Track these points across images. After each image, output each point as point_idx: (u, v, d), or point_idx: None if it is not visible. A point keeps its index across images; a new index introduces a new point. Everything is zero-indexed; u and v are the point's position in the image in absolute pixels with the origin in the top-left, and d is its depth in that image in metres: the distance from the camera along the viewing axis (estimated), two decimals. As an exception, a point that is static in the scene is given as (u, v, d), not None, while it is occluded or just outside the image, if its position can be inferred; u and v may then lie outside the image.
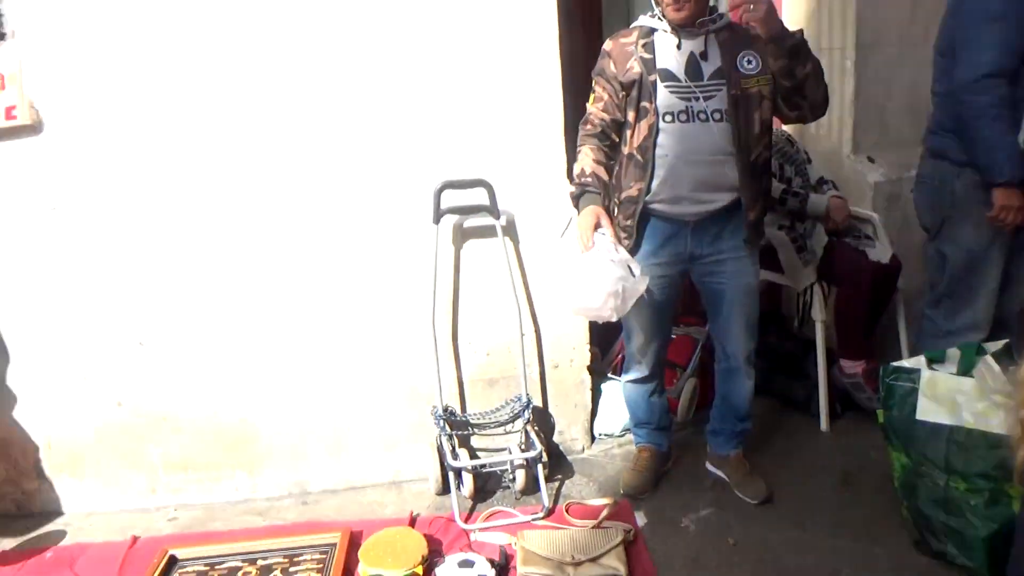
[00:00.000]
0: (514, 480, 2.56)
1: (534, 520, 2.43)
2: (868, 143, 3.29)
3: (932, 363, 2.17)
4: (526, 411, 2.59)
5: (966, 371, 2.10)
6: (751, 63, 2.18)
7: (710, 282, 2.39)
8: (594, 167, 2.28)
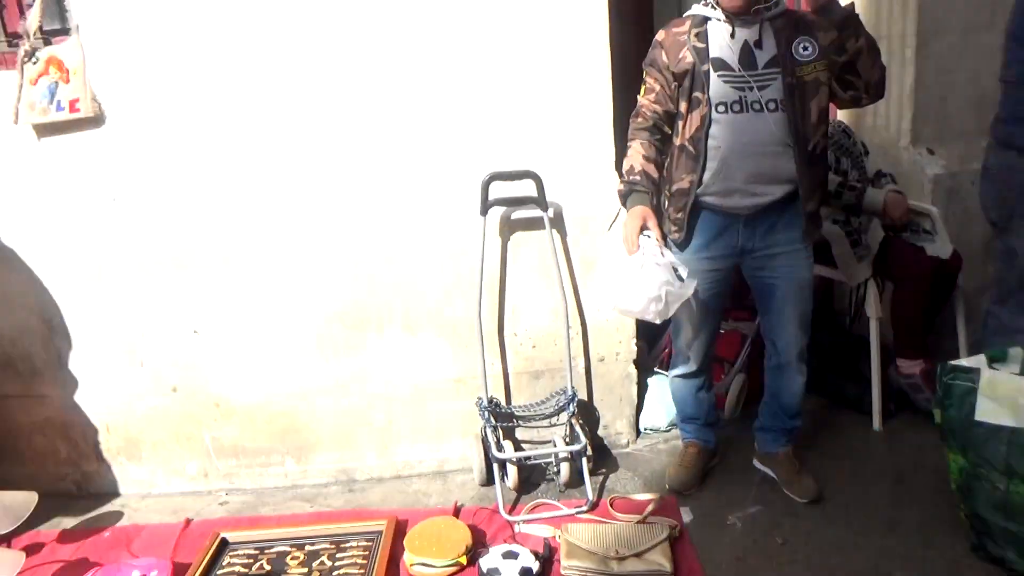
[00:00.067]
0: (558, 473, 2.56)
1: (578, 513, 2.42)
2: (927, 134, 3.19)
3: (993, 362, 2.10)
4: (571, 404, 2.59)
5: (1030, 371, 2.03)
6: (807, 49, 2.12)
7: (762, 276, 2.35)
8: (643, 164, 2.25)
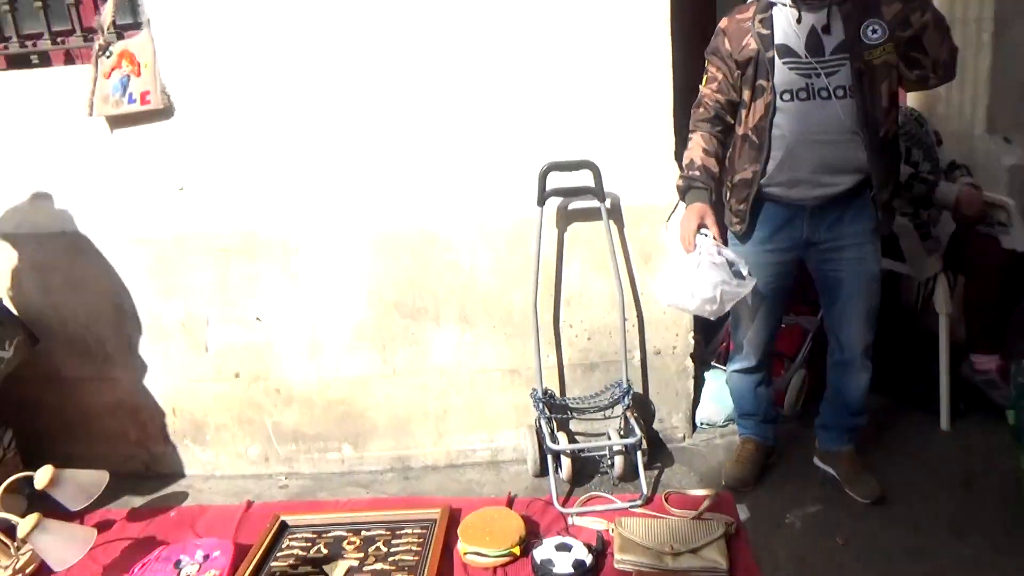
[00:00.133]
0: (612, 466, 2.55)
1: (632, 507, 2.41)
2: (1004, 122, 3.08)
3: (1072, 362, 2.01)
4: (626, 397, 2.57)
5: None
6: (876, 32, 2.04)
7: (827, 270, 2.28)
8: (703, 158, 2.22)
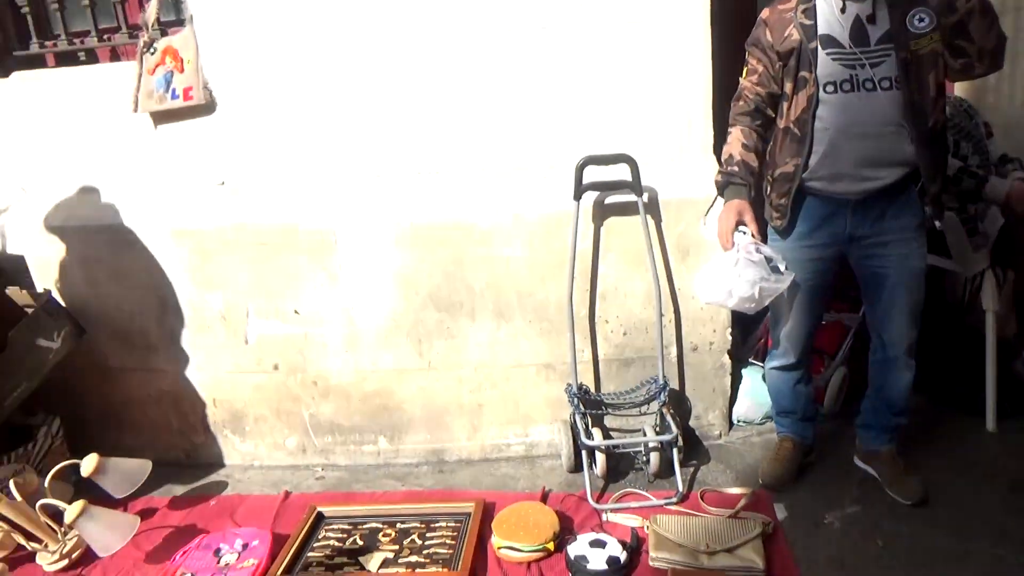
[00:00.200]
0: (647, 462, 2.53)
1: (667, 504, 2.39)
2: (1058, 114, 2.97)
3: None
4: (662, 393, 2.55)
5: None
6: (923, 20, 1.99)
7: (871, 266, 2.24)
8: (742, 153, 2.19)
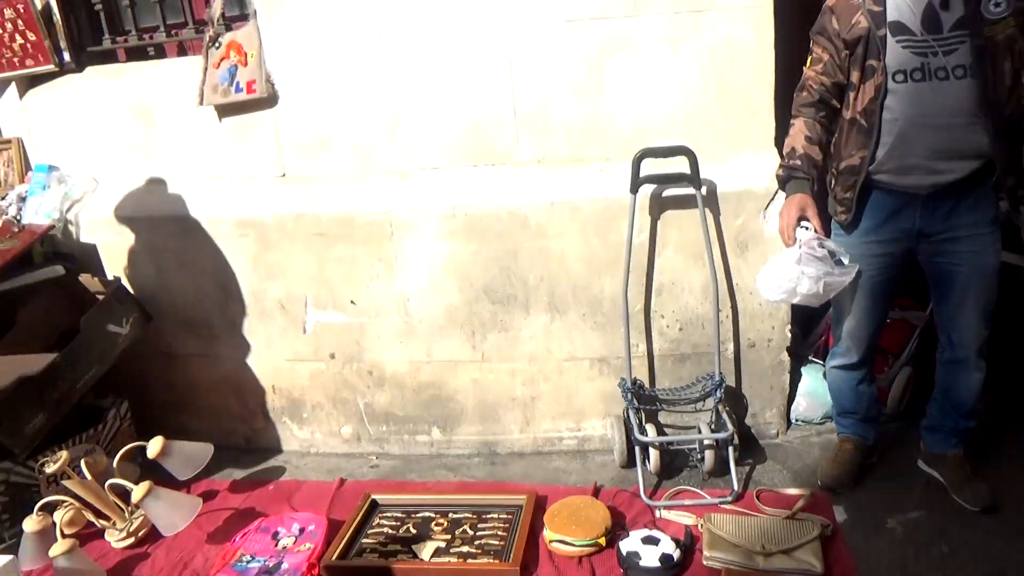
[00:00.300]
0: (702, 460, 2.50)
1: (722, 503, 2.36)
2: None
3: None
4: (718, 390, 2.51)
5: None
6: (999, 6, 1.91)
7: (941, 263, 2.16)
8: (805, 147, 2.14)
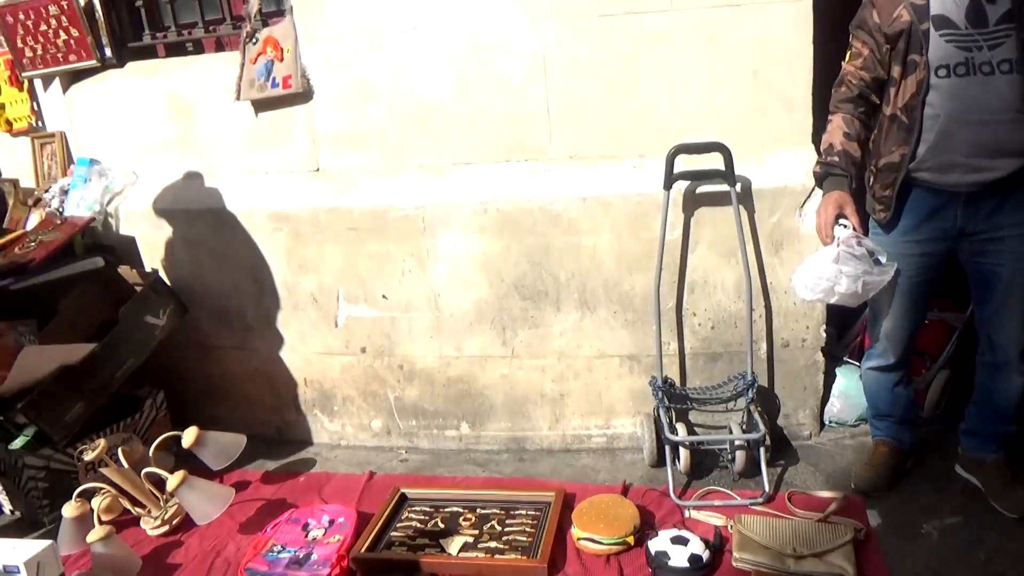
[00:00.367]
0: (733, 460, 2.47)
1: (752, 504, 2.33)
2: None
3: None
4: (750, 390, 2.48)
5: None
6: None
7: (983, 263, 2.11)
8: (844, 143, 2.10)
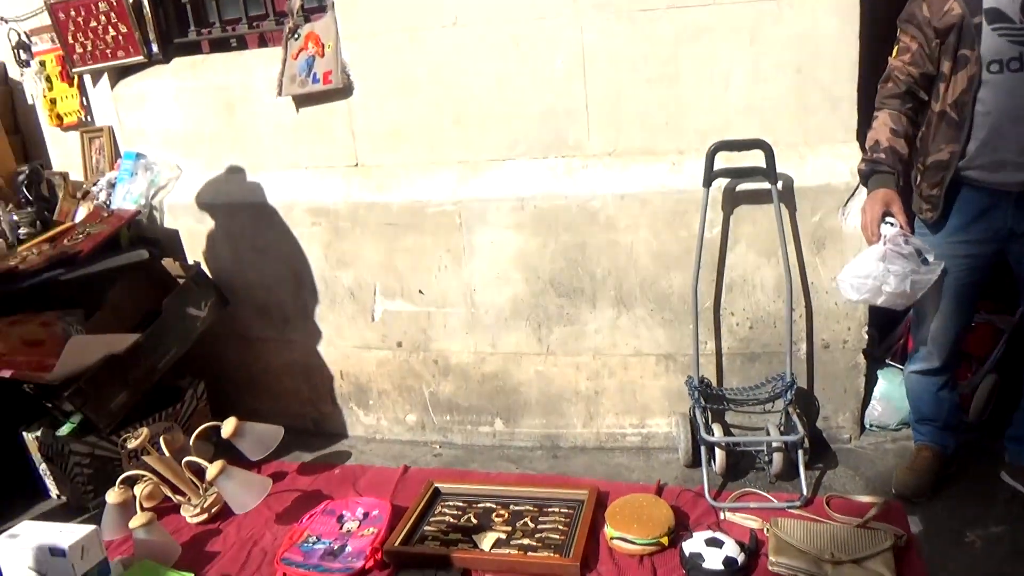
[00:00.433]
0: (770, 463, 2.44)
1: (789, 508, 2.29)
2: None
3: None
4: (789, 391, 2.44)
5: None
6: None
7: (1034, 265, 2.05)
8: (890, 140, 2.05)
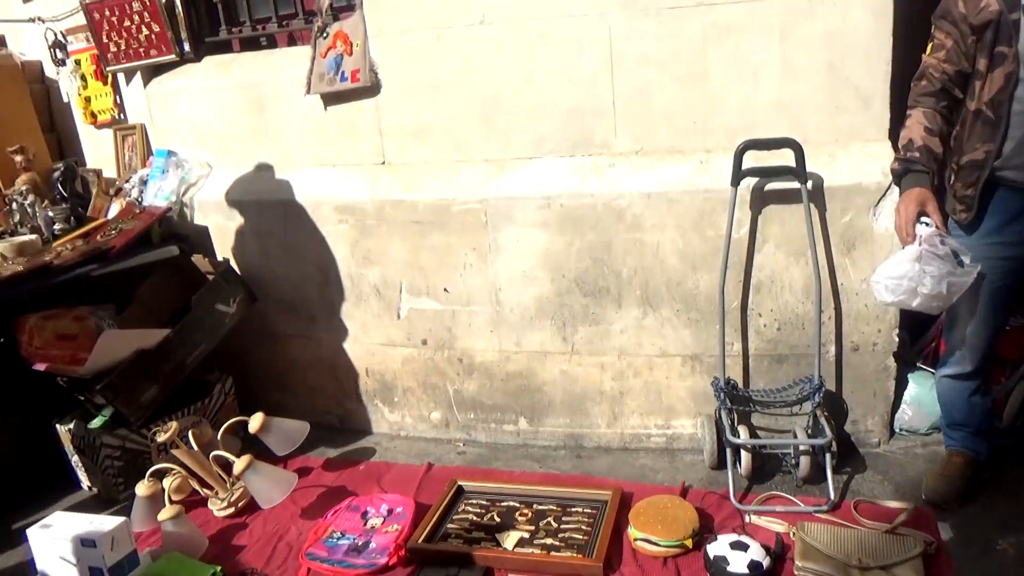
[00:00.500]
0: (797, 466, 2.41)
1: (816, 512, 2.25)
2: None
3: None
4: (817, 394, 2.41)
5: None
6: None
7: (1072, 269, 2.00)
8: (924, 138, 2.01)
